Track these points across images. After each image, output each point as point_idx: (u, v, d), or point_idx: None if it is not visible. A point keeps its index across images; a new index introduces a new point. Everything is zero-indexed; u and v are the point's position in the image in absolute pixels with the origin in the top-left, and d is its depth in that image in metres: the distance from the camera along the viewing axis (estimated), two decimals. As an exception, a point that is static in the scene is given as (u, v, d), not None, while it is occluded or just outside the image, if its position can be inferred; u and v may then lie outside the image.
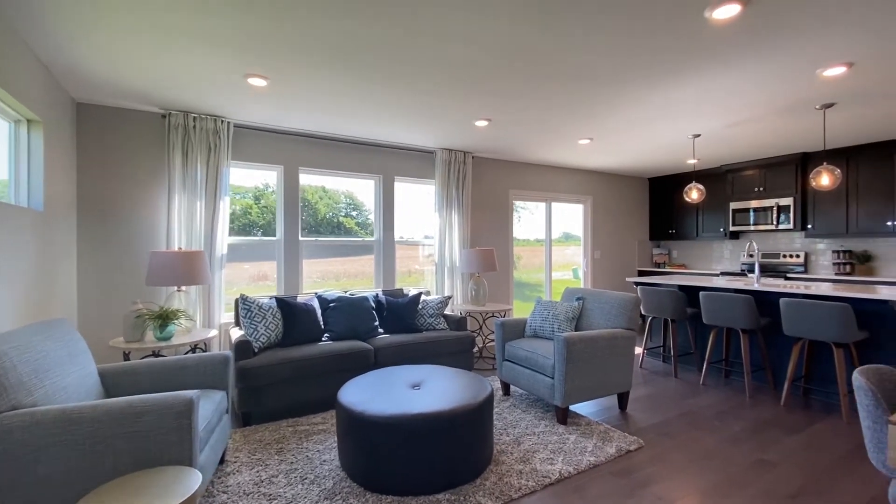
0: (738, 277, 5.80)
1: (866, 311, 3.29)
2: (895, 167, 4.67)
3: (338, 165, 4.51)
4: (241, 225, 4.23)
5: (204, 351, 3.40)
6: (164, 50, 2.54)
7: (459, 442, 2.25)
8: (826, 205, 5.21)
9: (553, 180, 6.13)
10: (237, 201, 4.21)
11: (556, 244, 6.40)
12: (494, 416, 3.16)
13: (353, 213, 4.84)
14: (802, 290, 3.48)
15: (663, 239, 7.16)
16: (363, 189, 4.82)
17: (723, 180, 6.25)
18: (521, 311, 5.91)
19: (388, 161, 4.80)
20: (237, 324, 3.62)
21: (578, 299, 3.64)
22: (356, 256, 4.78)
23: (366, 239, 4.75)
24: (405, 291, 4.38)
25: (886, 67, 2.75)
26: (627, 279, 4.85)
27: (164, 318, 3.00)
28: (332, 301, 3.73)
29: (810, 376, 3.62)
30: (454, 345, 3.86)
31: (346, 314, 3.67)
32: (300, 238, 4.34)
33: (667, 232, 7.07)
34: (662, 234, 7.15)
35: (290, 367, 3.14)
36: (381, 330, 3.86)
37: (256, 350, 3.21)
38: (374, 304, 3.93)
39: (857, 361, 3.29)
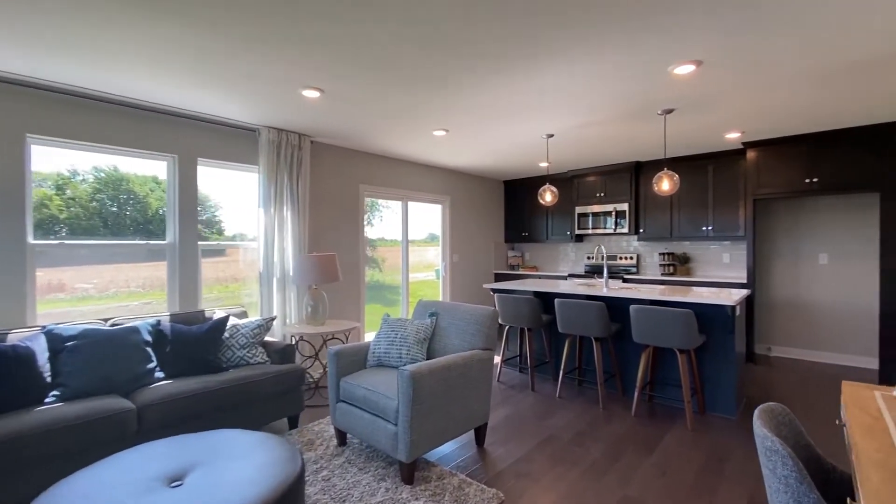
0: (584, 279, 5.99)
1: (704, 315, 3.38)
2: (708, 178, 5.21)
3: (102, 137, 3.14)
4: (37, 221, 2.70)
5: None
6: None
7: (234, 579, 1.38)
8: (655, 211, 5.64)
9: (411, 177, 5.53)
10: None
11: (422, 245, 5.86)
12: (321, 482, 2.34)
13: (197, 209, 3.70)
14: (649, 296, 3.45)
15: (517, 241, 7.18)
16: (208, 179, 3.65)
17: (570, 185, 6.44)
18: (378, 319, 5.17)
19: (186, 136, 3.57)
20: None
21: (432, 315, 3.04)
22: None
23: (150, 242, 3.45)
24: (208, 314, 3.25)
25: (731, 69, 2.73)
26: (485, 286, 4.50)
27: None
28: (72, 338, 2.45)
29: (654, 382, 3.64)
30: (275, 384, 2.91)
31: (95, 357, 2.44)
32: (30, 241, 2.87)
33: (521, 234, 7.09)
34: (517, 237, 7.16)
35: (-44, 463, 1.84)
36: (159, 374, 2.70)
37: None
38: (149, 338, 2.74)
39: (696, 365, 3.35)
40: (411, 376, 2.23)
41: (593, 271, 6.34)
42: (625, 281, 5.66)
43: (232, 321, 3.16)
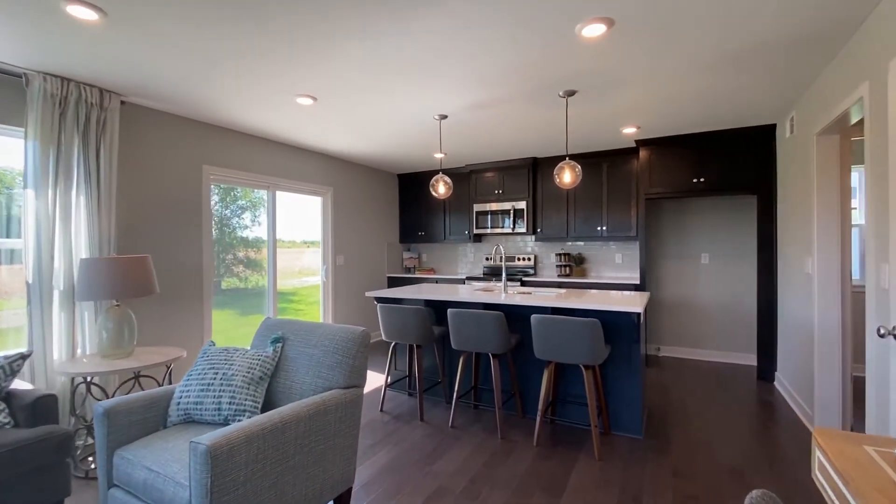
0: (482, 282, 5.54)
1: (609, 323, 3.01)
2: (603, 177, 5.07)
3: None
4: None
5: None
6: None
7: None
8: (552, 210, 5.39)
9: (280, 161, 4.53)
10: None
11: (315, 246, 4.90)
12: None
13: None
14: (551, 303, 2.99)
15: (413, 241, 6.53)
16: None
17: (467, 181, 5.97)
18: (253, 335, 4.09)
19: None
20: None
21: (276, 341, 2.19)
22: None
23: None
24: None
25: (642, 36, 2.33)
26: (367, 293, 3.73)
27: None
28: None
29: (556, 400, 3.21)
30: (14, 462, 1.83)
31: None
32: None
33: (417, 234, 6.46)
34: (413, 237, 6.51)
35: None
36: None
37: None
38: None
39: (600, 379, 2.97)
40: (208, 453, 1.38)
41: (492, 273, 5.94)
42: (523, 284, 5.32)
43: (-61, 365, 1.97)
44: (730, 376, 4.22)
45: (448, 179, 3.68)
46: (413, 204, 6.49)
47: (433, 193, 3.71)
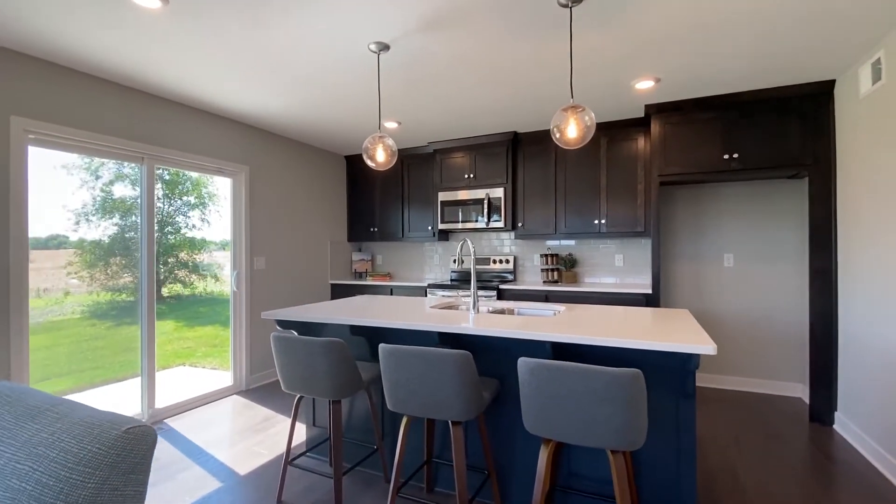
0: (448, 291, 4.36)
1: (646, 369, 1.86)
2: (601, 157, 3.98)
3: None
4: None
5: None
6: None
7: None
8: (536, 199, 4.26)
9: (162, 124, 3.22)
10: None
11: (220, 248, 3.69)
12: None
13: None
14: (550, 333, 1.81)
15: (365, 240, 5.29)
16: None
17: (430, 163, 4.80)
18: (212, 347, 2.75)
19: None
20: None
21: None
22: None
23: None
24: None
25: None
26: (264, 314, 2.48)
27: None
28: None
29: (554, 488, 2.04)
30: None
31: None
32: None
33: (368, 230, 5.23)
34: (364, 234, 5.27)
35: None
36: None
37: None
38: None
39: (631, 469, 1.82)
40: None
41: (462, 280, 4.76)
42: (500, 296, 4.16)
43: None
44: (774, 416, 3.18)
45: (391, 143, 2.47)
46: (364, 193, 5.26)
47: (368, 163, 2.49)
